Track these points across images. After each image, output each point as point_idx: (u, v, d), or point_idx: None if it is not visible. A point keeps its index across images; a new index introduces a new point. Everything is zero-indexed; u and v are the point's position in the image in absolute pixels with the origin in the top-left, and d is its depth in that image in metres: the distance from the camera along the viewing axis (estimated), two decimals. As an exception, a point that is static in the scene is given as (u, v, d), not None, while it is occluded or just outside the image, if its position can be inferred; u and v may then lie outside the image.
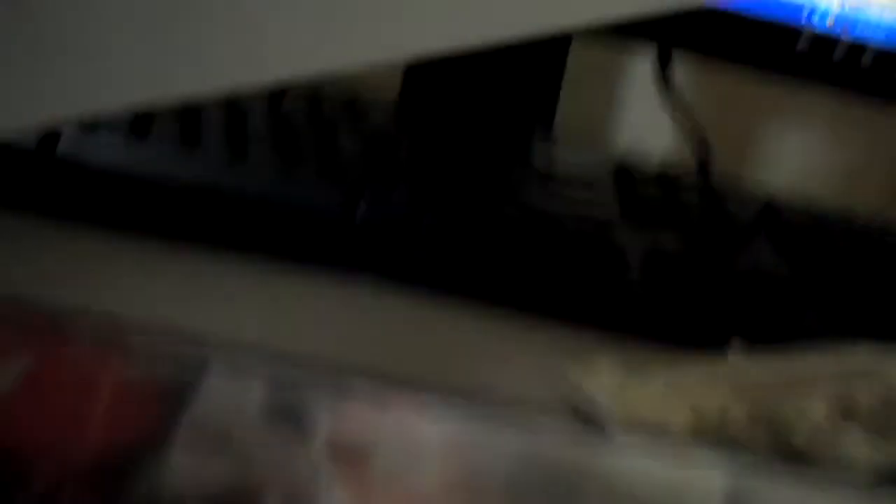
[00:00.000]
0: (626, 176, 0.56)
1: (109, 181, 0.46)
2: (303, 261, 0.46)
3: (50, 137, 0.45)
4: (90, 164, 0.45)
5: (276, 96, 0.56)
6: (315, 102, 0.56)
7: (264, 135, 0.50)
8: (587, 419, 0.38)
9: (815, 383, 0.40)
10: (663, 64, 0.73)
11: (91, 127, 0.47)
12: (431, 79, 0.61)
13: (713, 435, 0.37)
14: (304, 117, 0.54)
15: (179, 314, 0.38)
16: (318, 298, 0.44)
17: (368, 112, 0.56)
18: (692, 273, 0.48)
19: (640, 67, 0.82)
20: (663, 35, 0.58)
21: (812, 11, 0.55)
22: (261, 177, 0.47)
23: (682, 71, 0.76)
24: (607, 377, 0.40)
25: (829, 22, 0.55)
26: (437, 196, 0.48)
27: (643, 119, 0.87)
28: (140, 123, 0.48)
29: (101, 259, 0.43)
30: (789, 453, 0.37)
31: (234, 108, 0.53)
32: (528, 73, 0.62)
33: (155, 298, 0.41)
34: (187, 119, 0.50)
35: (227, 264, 0.45)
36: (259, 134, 0.50)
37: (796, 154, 0.83)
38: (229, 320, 0.41)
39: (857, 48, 0.56)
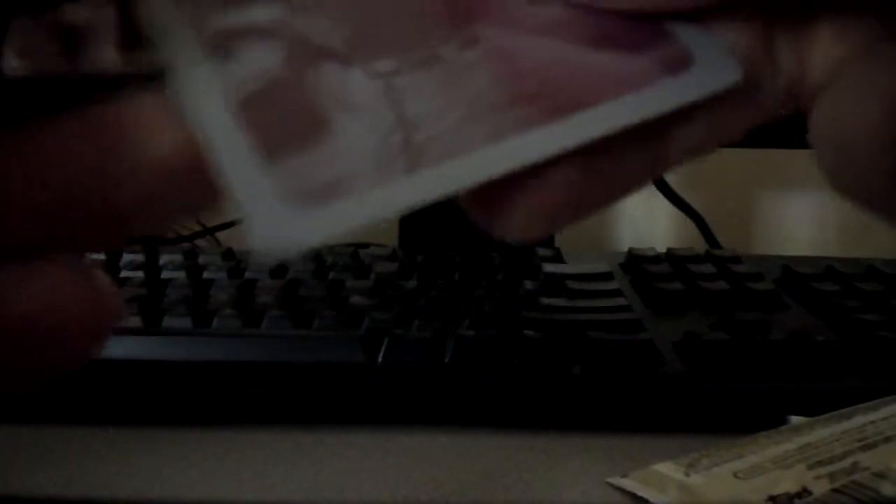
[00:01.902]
0: (639, 267, 0.56)
1: (129, 373, 0.45)
2: (334, 419, 0.45)
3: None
4: (106, 358, 0.45)
5: (283, 261, 0.56)
6: (320, 260, 0.56)
7: (273, 301, 0.50)
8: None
9: (885, 433, 0.38)
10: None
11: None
12: (427, 220, 0.61)
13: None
14: (311, 275, 0.54)
15: (224, 493, 0.37)
16: (361, 452, 0.43)
17: (372, 261, 0.56)
18: (729, 352, 0.47)
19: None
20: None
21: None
22: (278, 342, 0.46)
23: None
24: (667, 479, 0.38)
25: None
26: (453, 324, 0.47)
27: (640, 212, 0.87)
28: (151, 314, 0.48)
29: (136, 452, 0.42)
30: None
31: (241, 281, 0.52)
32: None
33: (193, 481, 0.40)
34: (197, 301, 0.49)
35: (257, 436, 0.44)
36: (268, 301, 0.50)
37: (802, 217, 0.83)
38: (272, 491, 0.40)
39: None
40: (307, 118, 0.17)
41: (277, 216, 0.16)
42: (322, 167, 0.17)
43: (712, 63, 0.19)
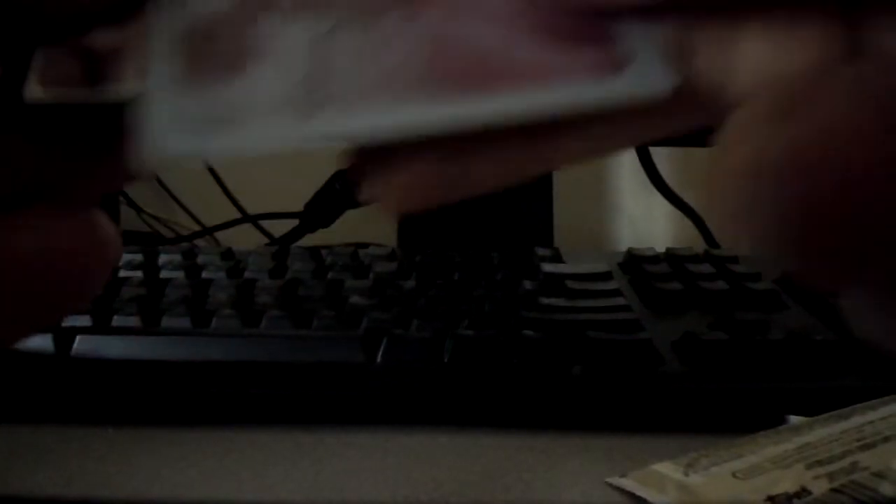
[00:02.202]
0: (638, 267, 0.56)
1: (128, 373, 0.45)
2: (333, 419, 0.45)
3: (64, 339, 0.45)
4: (105, 358, 0.45)
5: (282, 261, 0.56)
6: (319, 259, 0.56)
7: (272, 301, 0.50)
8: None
9: (883, 433, 0.38)
10: (646, 160, 0.74)
11: (104, 328, 0.46)
12: (427, 220, 0.61)
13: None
14: (310, 275, 0.54)
15: (223, 493, 0.37)
16: (360, 452, 0.43)
17: (371, 261, 0.56)
18: (728, 352, 0.47)
19: (627, 164, 0.83)
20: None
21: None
22: (277, 342, 0.46)
23: (668, 157, 0.77)
24: (666, 479, 0.38)
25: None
26: (452, 324, 0.47)
27: (640, 212, 0.87)
28: (150, 314, 0.48)
29: (136, 452, 0.42)
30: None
31: (240, 281, 0.52)
32: (517, 194, 0.62)
33: (192, 481, 0.40)
34: (196, 301, 0.49)
35: (257, 436, 0.44)
36: (267, 301, 0.50)
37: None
38: (272, 491, 0.40)
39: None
40: (233, 57, 0.19)
41: (174, 129, 0.18)
42: (227, 100, 0.19)
43: (645, 71, 0.19)
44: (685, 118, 0.19)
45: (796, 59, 0.18)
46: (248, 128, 0.18)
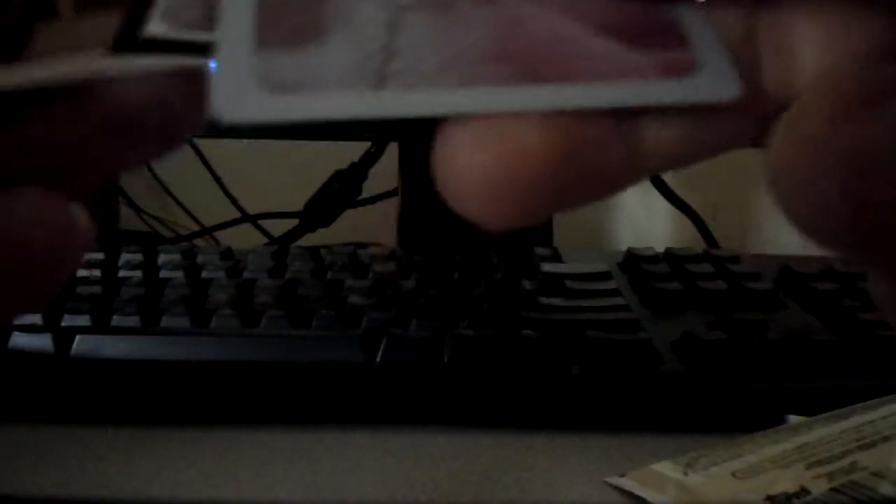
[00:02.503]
0: (637, 267, 0.56)
1: (127, 372, 0.45)
2: (332, 418, 0.45)
3: (64, 339, 0.45)
4: (105, 358, 0.45)
5: (282, 261, 0.56)
6: (318, 259, 0.56)
7: (272, 301, 0.50)
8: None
9: (883, 433, 0.38)
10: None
11: (103, 327, 0.46)
12: (426, 220, 0.61)
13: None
14: (310, 275, 0.54)
15: (222, 493, 0.37)
16: (359, 451, 0.43)
17: (371, 261, 0.56)
18: (727, 352, 0.47)
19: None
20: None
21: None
22: (276, 342, 0.46)
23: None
24: (666, 478, 0.38)
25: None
26: (452, 324, 0.47)
27: (639, 211, 0.87)
28: (149, 314, 0.48)
29: (135, 452, 0.42)
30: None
31: (240, 280, 0.52)
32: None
33: (191, 481, 0.40)
34: (195, 300, 0.49)
35: (256, 436, 0.44)
36: (266, 301, 0.50)
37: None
38: (271, 490, 0.40)
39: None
40: (310, 25, 0.19)
41: (243, 89, 0.18)
42: (300, 66, 0.19)
43: (714, 75, 0.19)
44: (755, 123, 0.19)
45: (854, 52, 0.18)
46: (318, 94, 0.19)
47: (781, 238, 0.82)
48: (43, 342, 0.45)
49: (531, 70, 0.19)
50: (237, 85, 0.18)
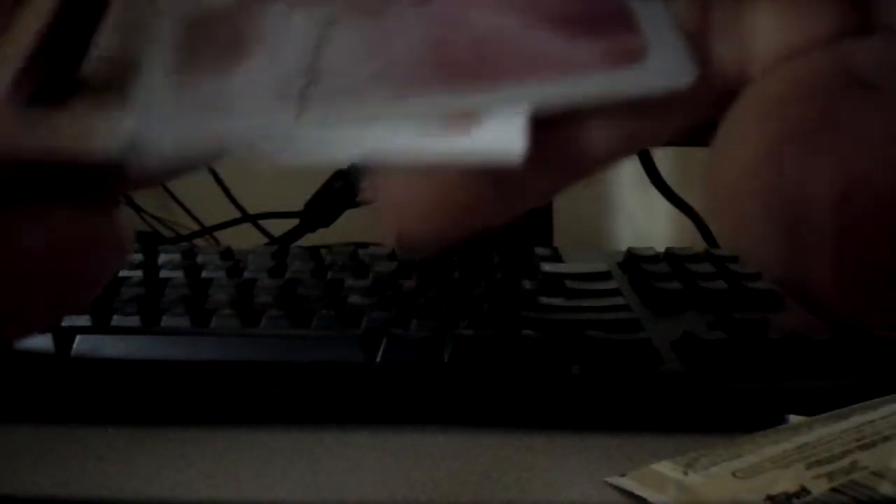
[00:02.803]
0: (637, 266, 0.56)
1: (127, 372, 0.45)
2: (332, 418, 0.45)
3: (64, 339, 0.45)
4: (105, 358, 0.45)
5: (282, 261, 0.56)
6: (318, 259, 0.56)
7: (272, 301, 0.50)
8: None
9: (883, 432, 0.38)
10: (646, 159, 0.74)
11: (104, 327, 0.46)
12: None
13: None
14: (310, 275, 0.54)
15: (222, 493, 0.37)
16: (359, 451, 0.43)
17: (371, 260, 0.56)
18: (727, 352, 0.47)
19: (627, 163, 0.83)
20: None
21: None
22: (276, 342, 0.46)
23: (668, 157, 0.77)
24: (666, 478, 0.38)
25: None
26: (452, 324, 0.47)
27: (639, 211, 0.87)
28: (149, 314, 0.48)
29: (135, 452, 0.42)
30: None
31: (240, 280, 0.52)
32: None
33: (191, 481, 0.40)
34: (195, 300, 0.49)
35: (255, 436, 0.44)
36: (266, 301, 0.50)
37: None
38: (270, 490, 0.40)
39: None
40: (231, 49, 0.19)
41: (164, 120, 0.18)
42: (220, 93, 0.18)
43: (666, 60, 0.18)
44: (707, 107, 0.18)
45: (809, 35, 0.17)
46: (235, 123, 0.18)
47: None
48: (43, 342, 0.45)
49: (471, 75, 0.18)
50: (157, 115, 0.18)
